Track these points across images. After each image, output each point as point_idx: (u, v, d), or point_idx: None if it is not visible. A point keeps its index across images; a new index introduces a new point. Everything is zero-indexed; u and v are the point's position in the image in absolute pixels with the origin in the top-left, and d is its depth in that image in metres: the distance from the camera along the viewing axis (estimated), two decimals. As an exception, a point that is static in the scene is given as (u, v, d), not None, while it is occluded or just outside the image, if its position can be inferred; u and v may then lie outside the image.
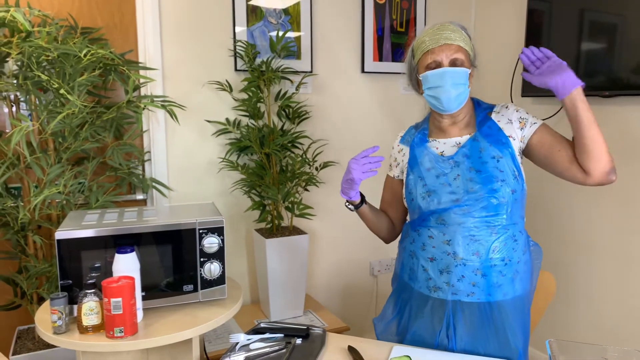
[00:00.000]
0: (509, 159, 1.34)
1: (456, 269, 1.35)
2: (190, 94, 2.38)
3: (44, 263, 1.99)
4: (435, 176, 1.39)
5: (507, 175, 1.33)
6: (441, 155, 1.41)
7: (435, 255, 1.39)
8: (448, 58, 1.33)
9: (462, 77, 1.33)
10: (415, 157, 1.45)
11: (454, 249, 1.35)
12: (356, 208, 1.51)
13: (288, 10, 2.52)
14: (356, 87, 2.76)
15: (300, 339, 1.41)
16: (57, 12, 2.18)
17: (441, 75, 1.33)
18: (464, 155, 1.37)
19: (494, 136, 1.36)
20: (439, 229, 1.37)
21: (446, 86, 1.33)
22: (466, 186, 1.34)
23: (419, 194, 1.40)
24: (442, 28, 1.36)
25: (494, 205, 1.32)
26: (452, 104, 1.35)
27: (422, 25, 2.85)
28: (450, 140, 1.43)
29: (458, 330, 1.37)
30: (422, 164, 1.42)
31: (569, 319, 2.53)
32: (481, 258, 1.34)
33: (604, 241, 2.34)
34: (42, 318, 1.49)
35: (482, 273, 1.34)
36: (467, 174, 1.35)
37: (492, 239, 1.34)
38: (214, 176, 2.47)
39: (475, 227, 1.34)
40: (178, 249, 1.57)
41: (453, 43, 1.33)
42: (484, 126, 1.39)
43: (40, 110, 1.89)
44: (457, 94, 1.34)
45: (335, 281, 2.86)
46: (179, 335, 1.42)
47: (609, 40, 2.18)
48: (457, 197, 1.34)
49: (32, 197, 1.87)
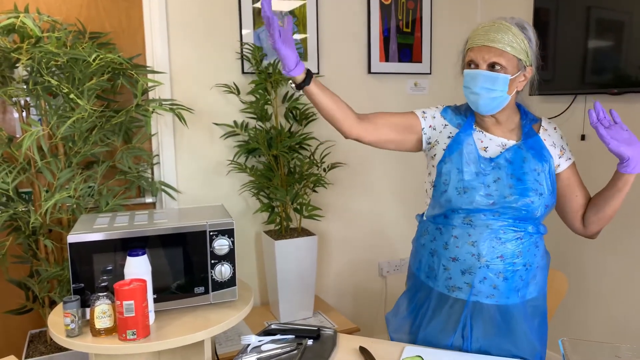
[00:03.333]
0: (547, 174, 1.34)
1: (479, 270, 1.33)
2: (198, 97, 2.39)
3: (55, 267, 2.00)
4: (475, 173, 1.34)
5: (544, 189, 1.32)
6: (484, 151, 1.36)
7: (458, 255, 1.35)
8: (485, 61, 1.28)
9: (497, 82, 1.27)
10: (460, 143, 1.37)
11: (479, 250, 1.32)
12: (298, 88, 1.33)
13: (294, 12, 2.52)
14: (363, 88, 2.76)
15: (312, 340, 1.41)
16: (66, 17, 2.19)
17: (473, 77, 1.29)
18: (506, 160, 1.34)
19: (538, 151, 1.35)
20: (465, 229, 1.34)
21: (476, 89, 1.29)
22: (504, 192, 1.31)
23: (454, 186, 1.34)
24: (491, 27, 1.28)
25: (525, 215, 1.32)
26: (483, 107, 1.32)
27: (428, 26, 2.85)
28: (496, 138, 1.38)
29: (474, 331, 1.36)
30: (464, 156, 1.35)
31: (581, 318, 2.52)
32: (505, 262, 1.33)
33: (614, 239, 2.33)
34: (54, 321, 1.50)
35: (504, 276, 1.33)
36: (507, 180, 1.32)
37: (518, 244, 1.33)
38: (223, 178, 2.48)
39: (502, 231, 1.32)
40: (189, 251, 1.58)
41: (494, 46, 1.26)
42: (530, 139, 1.36)
43: (51, 115, 1.91)
44: (489, 98, 1.29)
45: (345, 282, 2.86)
46: (191, 337, 1.42)
47: (616, 38, 2.17)
48: (493, 200, 1.32)
49: (43, 202, 1.88)
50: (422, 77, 2.90)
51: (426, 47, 2.86)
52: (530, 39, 1.30)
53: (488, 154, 1.36)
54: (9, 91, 1.88)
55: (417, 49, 2.84)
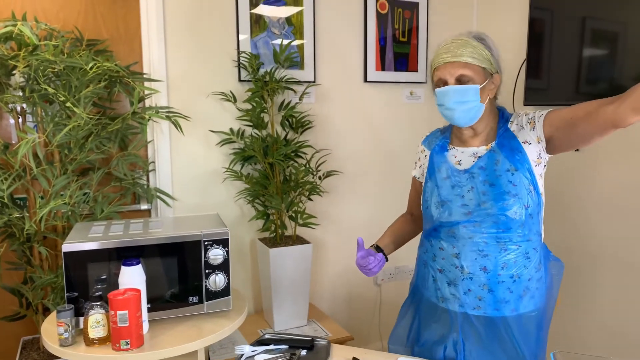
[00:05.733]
0: (524, 171, 1.32)
1: (463, 282, 1.35)
2: (195, 104, 2.39)
3: (49, 274, 2.00)
4: (451, 186, 1.39)
5: (520, 189, 1.31)
6: (458, 165, 1.41)
7: (444, 267, 1.40)
8: (452, 76, 1.32)
9: (468, 94, 1.31)
10: (433, 164, 1.45)
11: (462, 262, 1.35)
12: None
13: (291, 20, 2.54)
14: (359, 97, 2.77)
15: (305, 350, 1.41)
16: (63, 24, 2.20)
17: (445, 94, 1.33)
18: (480, 168, 1.36)
19: (509, 146, 1.34)
20: (449, 241, 1.38)
21: (450, 104, 1.33)
22: (479, 199, 1.33)
23: (434, 202, 1.41)
24: (451, 44, 1.33)
25: (505, 221, 1.31)
26: (460, 120, 1.35)
27: (424, 35, 2.87)
28: (468, 149, 1.41)
29: (467, 345, 1.37)
30: (440, 172, 1.42)
31: (575, 328, 2.52)
32: (488, 274, 1.34)
33: (608, 249, 2.34)
34: (48, 329, 1.50)
35: (488, 288, 1.34)
36: (480, 187, 1.34)
37: (502, 255, 1.33)
38: (218, 186, 2.48)
39: (484, 242, 1.33)
40: (183, 260, 1.58)
41: (457, 60, 1.31)
42: (501, 136, 1.37)
43: (47, 122, 1.91)
44: (464, 110, 1.33)
45: (339, 290, 2.86)
46: (184, 347, 1.43)
47: (610, 48, 2.19)
48: (469, 210, 1.34)
49: (38, 209, 1.88)
50: (418, 86, 2.91)
51: (422, 57, 2.88)
52: (491, 47, 1.35)
53: (462, 167, 1.40)
54: (6, 98, 1.88)
55: (413, 58, 2.86)
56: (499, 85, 1.39)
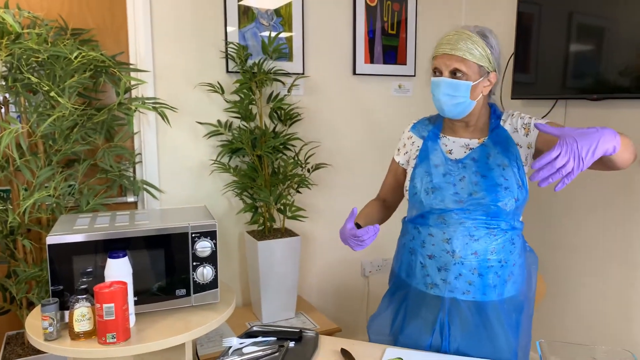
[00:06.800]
0: (515, 168, 1.35)
1: (454, 267, 1.37)
2: (182, 95, 2.37)
3: (33, 267, 1.97)
4: (442, 174, 1.40)
5: (511, 183, 1.34)
6: (449, 154, 1.42)
7: (434, 252, 1.40)
8: (447, 68, 1.33)
9: (459, 89, 1.32)
10: (426, 151, 1.45)
11: (453, 247, 1.36)
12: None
13: (280, 11, 2.52)
14: (348, 89, 2.76)
15: (293, 342, 1.41)
16: (47, 13, 2.16)
17: (437, 84, 1.35)
18: (472, 160, 1.38)
19: (502, 144, 1.37)
20: (439, 227, 1.39)
21: (439, 96, 1.34)
22: (471, 189, 1.35)
23: (424, 188, 1.40)
24: (453, 36, 1.33)
25: (495, 210, 1.34)
26: (448, 113, 1.36)
27: (412, 28, 2.87)
28: (460, 140, 1.43)
29: (452, 330, 1.39)
30: (432, 160, 1.43)
31: (559, 319, 2.56)
32: (479, 258, 1.36)
33: (590, 241, 2.37)
34: (32, 324, 1.48)
35: (478, 273, 1.36)
36: (472, 178, 1.36)
37: (491, 241, 1.36)
38: (206, 178, 2.46)
39: (474, 228, 1.35)
40: (170, 253, 1.57)
41: (455, 54, 1.31)
42: (493, 133, 1.39)
43: (30, 113, 1.88)
44: (452, 105, 1.34)
45: (327, 282, 2.87)
46: (171, 340, 1.42)
47: (596, 44, 2.20)
48: (461, 198, 1.36)
49: (22, 201, 1.85)
50: (407, 79, 2.91)
51: (411, 50, 2.87)
52: (492, 46, 1.35)
53: (454, 156, 1.42)
54: (-13, 88, 1.85)
55: (402, 51, 2.86)
56: (495, 83, 1.40)
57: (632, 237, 2.22)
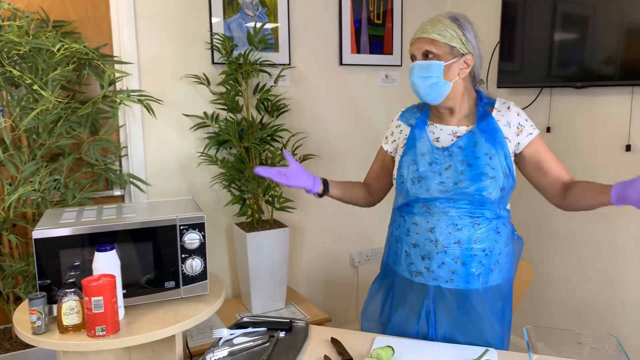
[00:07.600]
0: (502, 157, 1.36)
1: (437, 256, 1.38)
2: (167, 87, 2.35)
3: (20, 262, 1.95)
4: (429, 163, 1.40)
5: (497, 172, 1.34)
6: (436, 142, 1.42)
7: (418, 241, 1.41)
8: (419, 51, 1.37)
9: (431, 69, 1.35)
10: (413, 139, 1.45)
11: (436, 236, 1.37)
12: (320, 196, 1.56)
13: (265, 2, 2.50)
14: (334, 80, 2.76)
15: (284, 332, 1.42)
16: (28, 5, 2.12)
17: (412, 68, 1.39)
18: (459, 148, 1.38)
19: (490, 133, 1.38)
20: (424, 216, 1.40)
21: (414, 78, 1.38)
22: (456, 178, 1.36)
23: (410, 177, 1.41)
24: (425, 23, 1.39)
25: (479, 199, 1.35)
26: (425, 96, 1.38)
27: (399, 18, 2.87)
28: (447, 127, 1.43)
29: (438, 317, 1.40)
30: (418, 148, 1.43)
31: (545, 305, 2.60)
32: (462, 247, 1.36)
33: (574, 229, 2.41)
34: (20, 318, 1.47)
35: (462, 262, 1.37)
36: (458, 166, 1.36)
37: (475, 230, 1.36)
38: (193, 171, 2.45)
39: (458, 217, 1.36)
40: (159, 245, 1.56)
41: (426, 37, 1.35)
42: (482, 122, 1.39)
43: (13, 107, 1.85)
44: (427, 86, 1.36)
45: (317, 273, 2.88)
46: (161, 332, 1.41)
47: (580, 32, 2.22)
48: (446, 187, 1.36)
49: (7, 196, 1.83)
50: (393, 69, 2.92)
51: (397, 39, 2.88)
52: (465, 28, 1.38)
53: (440, 144, 1.42)
54: (-32, 81, 1.81)
55: (388, 41, 2.86)
56: (474, 66, 1.40)
57: (618, 224, 2.25)
